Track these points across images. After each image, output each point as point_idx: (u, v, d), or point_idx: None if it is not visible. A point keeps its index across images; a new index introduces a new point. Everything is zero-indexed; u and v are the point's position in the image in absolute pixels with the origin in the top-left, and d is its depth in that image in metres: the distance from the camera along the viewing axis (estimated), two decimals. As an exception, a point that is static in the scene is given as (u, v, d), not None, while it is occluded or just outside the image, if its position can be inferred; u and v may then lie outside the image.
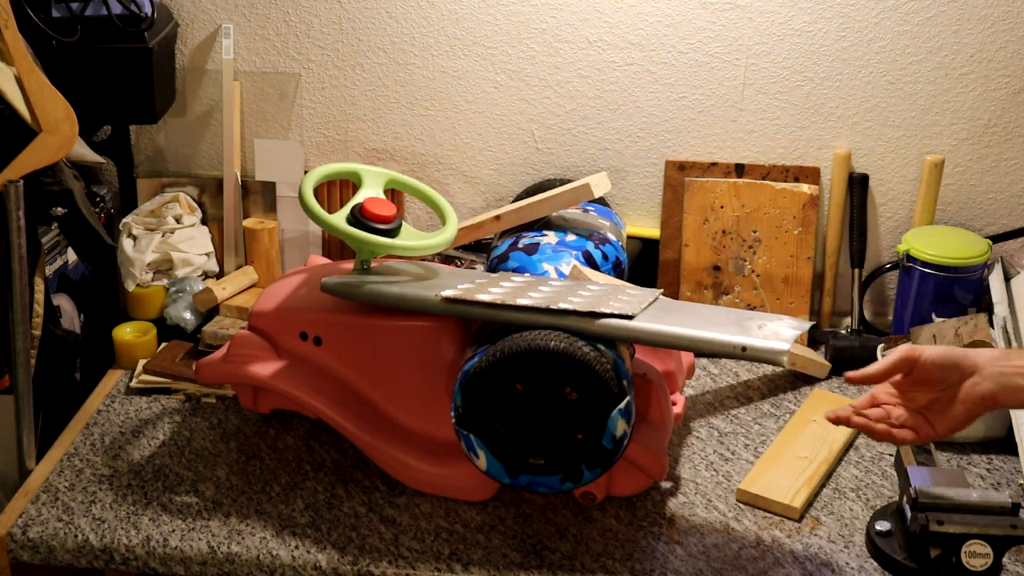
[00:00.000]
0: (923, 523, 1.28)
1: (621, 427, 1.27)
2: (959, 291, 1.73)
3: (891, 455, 1.57)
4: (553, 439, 1.29)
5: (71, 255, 1.76)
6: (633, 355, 1.45)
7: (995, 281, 1.73)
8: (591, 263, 1.67)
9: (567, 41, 1.83)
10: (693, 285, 1.87)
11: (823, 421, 1.61)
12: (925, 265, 1.73)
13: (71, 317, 1.77)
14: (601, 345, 1.31)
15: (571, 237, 1.70)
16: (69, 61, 1.68)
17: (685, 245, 1.87)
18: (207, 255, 1.92)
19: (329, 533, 1.39)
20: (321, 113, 1.93)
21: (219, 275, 1.95)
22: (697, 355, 1.77)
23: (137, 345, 1.77)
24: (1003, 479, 1.52)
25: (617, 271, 1.71)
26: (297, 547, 1.37)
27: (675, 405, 1.53)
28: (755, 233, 1.85)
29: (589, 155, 1.91)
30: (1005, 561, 1.33)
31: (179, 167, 1.98)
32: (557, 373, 1.27)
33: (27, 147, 1.47)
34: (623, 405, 1.27)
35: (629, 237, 1.90)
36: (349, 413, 1.47)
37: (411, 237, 1.51)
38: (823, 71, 1.81)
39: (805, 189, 1.84)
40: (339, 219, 1.46)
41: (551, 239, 1.69)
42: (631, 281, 1.75)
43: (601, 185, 1.73)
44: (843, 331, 1.86)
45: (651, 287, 1.79)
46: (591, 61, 1.84)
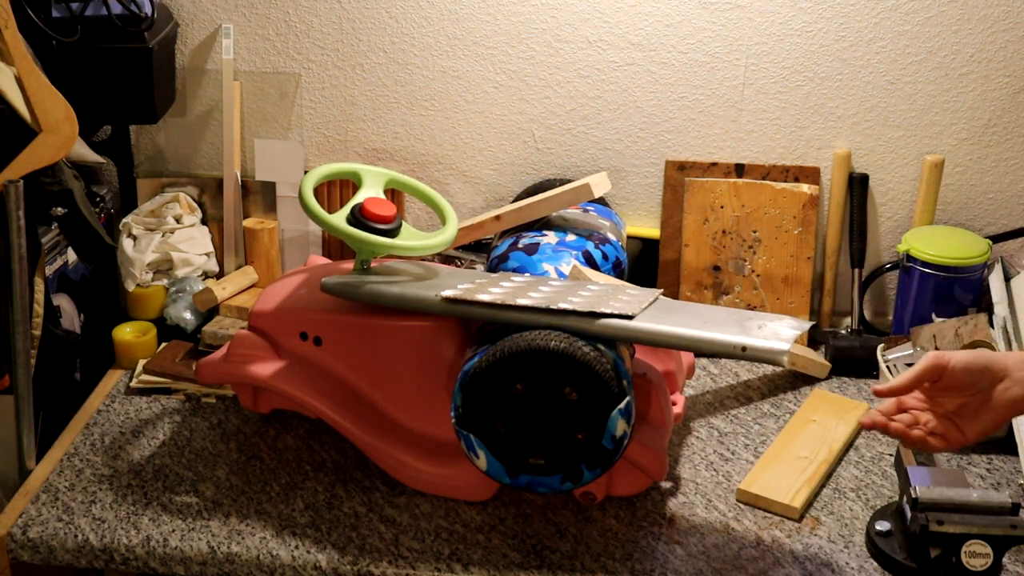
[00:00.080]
0: (923, 523, 1.28)
1: (621, 427, 1.27)
2: (959, 291, 1.73)
3: (891, 455, 1.57)
4: (553, 439, 1.29)
5: (71, 255, 1.76)
6: (633, 355, 1.45)
7: (995, 281, 1.73)
8: (591, 263, 1.67)
9: (567, 41, 1.83)
10: (693, 285, 1.87)
11: (823, 421, 1.62)
12: (925, 265, 1.73)
13: (71, 317, 1.77)
14: (601, 345, 1.31)
15: (571, 237, 1.70)
16: (69, 61, 1.68)
17: (685, 245, 1.87)
18: (207, 255, 1.92)
19: (329, 533, 1.39)
20: (321, 113, 1.93)
21: (219, 275, 1.95)
22: (697, 355, 1.77)
23: (137, 345, 1.77)
24: (1003, 479, 1.52)
25: (617, 271, 1.71)
26: (297, 547, 1.37)
27: (675, 405, 1.53)
28: (755, 233, 1.85)
29: (589, 155, 1.91)
30: (1005, 561, 1.33)
31: (179, 167, 1.98)
32: (557, 373, 1.27)
33: (27, 147, 1.47)
34: (623, 405, 1.27)
35: (629, 237, 1.90)
36: (349, 413, 1.47)
37: (411, 237, 1.51)
38: (823, 71, 1.81)
39: (805, 189, 1.84)
40: (339, 219, 1.46)
41: (551, 239, 1.69)
42: (631, 281, 1.75)
43: (601, 185, 1.73)
44: (843, 331, 1.86)
45: (651, 287, 1.79)
46: (591, 61, 1.84)
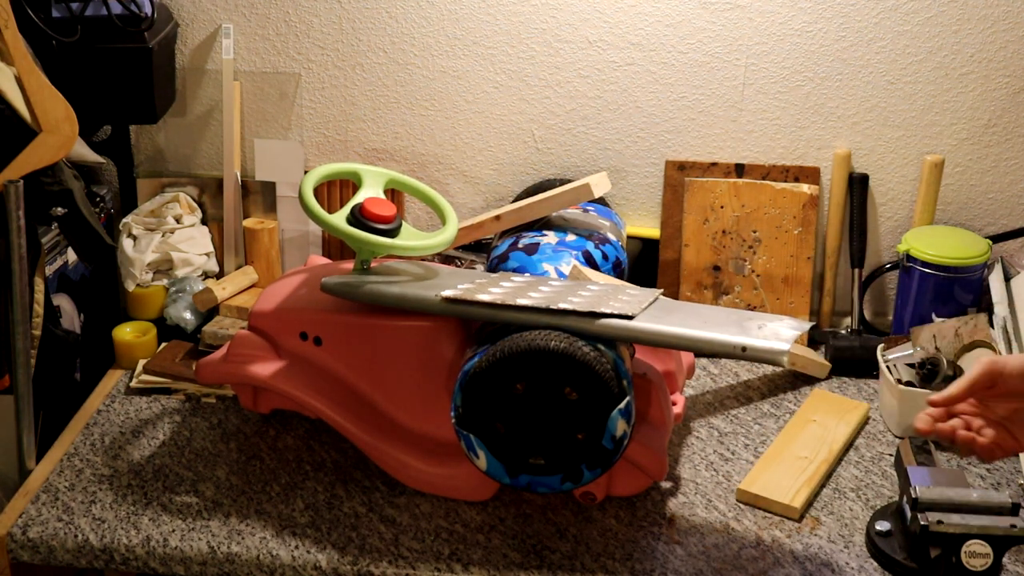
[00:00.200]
0: (923, 523, 1.28)
1: (621, 427, 1.27)
2: (959, 291, 1.73)
3: (891, 455, 1.57)
4: (553, 439, 1.29)
5: (71, 255, 1.76)
6: (633, 355, 1.45)
7: (995, 281, 1.73)
8: (591, 263, 1.67)
9: (567, 41, 1.83)
10: (693, 285, 1.87)
11: (823, 421, 1.62)
12: (925, 265, 1.73)
13: (71, 317, 1.77)
14: (601, 345, 1.31)
15: (571, 237, 1.70)
16: (69, 61, 1.68)
17: (685, 245, 1.87)
18: (207, 255, 1.92)
19: (329, 533, 1.39)
20: (321, 113, 1.93)
21: (219, 275, 1.95)
22: (697, 355, 1.77)
23: (137, 345, 1.77)
24: (1003, 479, 1.52)
25: (617, 271, 1.71)
26: (297, 547, 1.37)
27: (675, 405, 1.53)
28: (755, 233, 1.85)
29: (589, 155, 1.91)
30: (1005, 561, 1.33)
31: (179, 167, 1.98)
32: (557, 373, 1.27)
33: (27, 147, 1.47)
34: (623, 405, 1.27)
35: (629, 237, 1.90)
36: (349, 413, 1.47)
37: (411, 237, 1.51)
38: (823, 71, 1.81)
39: (805, 189, 1.84)
40: (339, 219, 1.46)
41: (551, 239, 1.69)
42: (631, 281, 1.75)
43: (601, 185, 1.73)
44: (843, 331, 1.86)
45: (651, 287, 1.79)
46: (591, 61, 1.84)
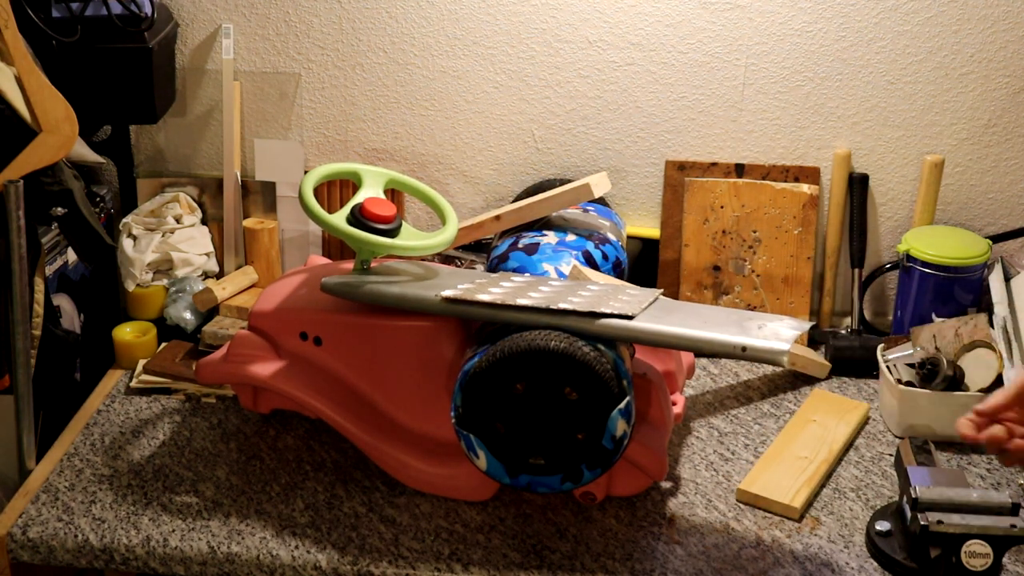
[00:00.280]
0: (923, 523, 1.28)
1: (621, 427, 1.27)
2: (959, 291, 1.73)
3: (891, 455, 1.57)
4: (553, 439, 1.29)
5: (71, 255, 1.76)
6: (633, 355, 1.45)
7: (995, 281, 1.73)
8: (591, 263, 1.67)
9: (567, 41, 1.83)
10: (693, 285, 1.87)
11: (823, 421, 1.62)
12: (925, 265, 1.73)
13: (71, 317, 1.77)
14: (601, 345, 1.31)
15: (571, 237, 1.70)
16: (69, 61, 1.68)
17: (685, 245, 1.87)
18: (207, 255, 1.92)
19: (329, 533, 1.39)
20: (321, 113, 1.93)
21: (219, 275, 1.95)
22: (697, 355, 1.77)
23: (137, 345, 1.77)
24: (1003, 479, 1.52)
25: (617, 271, 1.71)
26: (297, 547, 1.37)
27: (675, 405, 1.53)
28: (755, 233, 1.85)
29: (589, 155, 1.91)
30: (1005, 561, 1.33)
31: (179, 167, 1.98)
32: (557, 373, 1.27)
33: (27, 147, 1.47)
34: (623, 405, 1.27)
35: (629, 237, 1.90)
36: (349, 413, 1.47)
37: (411, 237, 1.51)
38: (823, 71, 1.81)
39: (805, 189, 1.84)
40: (339, 219, 1.46)
41: (551, 239, 1.69)
42: (631, 281, 1.75)
43: (601, 185, 1.73)
44: (843, 331, 1.86)
45: (651, 287, 1.79)
46: (591, 61, 1.84)
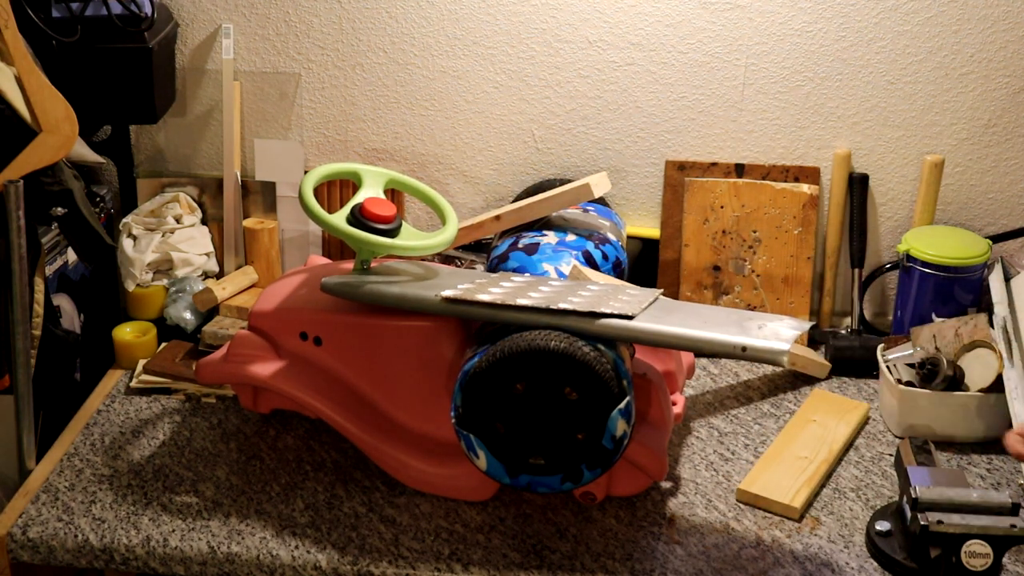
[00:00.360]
0: (923, 523, 1.28)
1: (621, 427, 1.27)
2: (959, 291, 1.73)
3: (891, 455, 1.57)
4: (553, 439, 1.29)
5: (71, 255, 1.76)
6: (633, 355, 1.45)
7: (995, 281, 1.73)
8: (591, 263, 1.67)
9: (567, 41, 1.83)
10: (693, 285, 1.87)
11: (823, 421, 1.62)
12: (925, 265, 1.73)
13: (71, 317, 1.77)
14: (601, 345, 1.31)
15: (571, 237, 1.70)
16: (69, 61, 1.68)
17: (685, 245, 1.87)
18: (207, 255, 1.92)
19: (329, 533, 1.39)
20: (321, 113, 1.93)
21: (219, 275, 1.95)
22: (697, 355, 1.77)
23: (137, 345, 1.77)
24: (1003, 479, 1.52)
25: (617, 271, 1.71)
26: (297, 547, 1.37)
27: (675, 405, 1.53)
28: (755, 233, 1.85)
29: (589, 155, 1.91)
30: (1005, 561, 1.33)
31: (179, 167, 1.98)
32: (557, 373, 1.27)
33: (27, 147, 1.47)
34: (623, 405, 1.27)
35: (629, 237, 1.90)
36: (349, 413, 1.47)
37: (411, 237, 1.51)
38: (823, 71, 1.81)
39: (805, 189, 1.84)
40: (339, 219, 1.46)
41: (551, 239, 1.69)
42: (631, 281, 1.75)
43: (601, 185, 1.73)
44: (843, 331, 1.86)
45: (651, 287, 1.79)
46: (591, 61, 1.84)
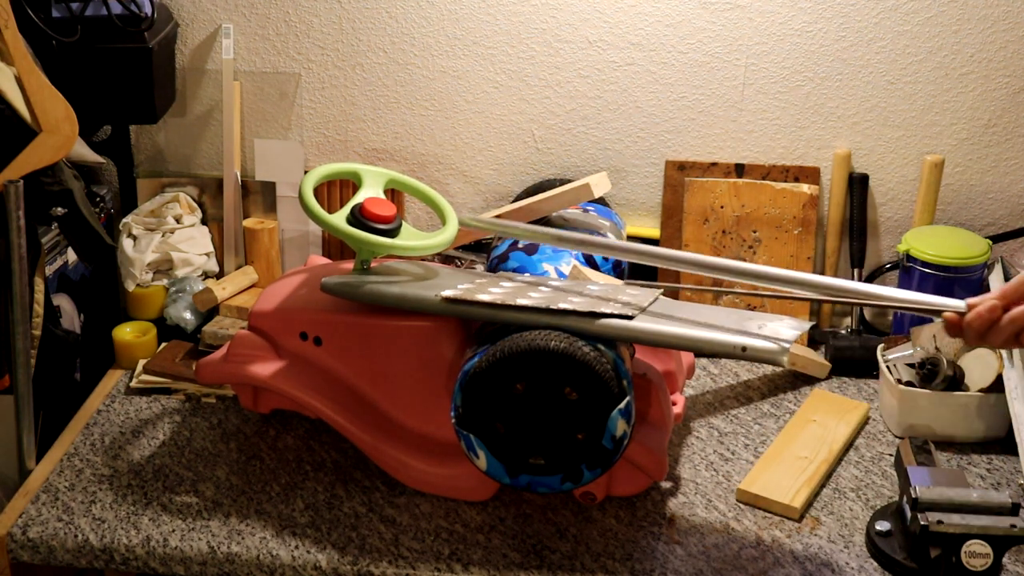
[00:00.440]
0: (923, 523, 1.28)
1: (621, 427, 1.27)
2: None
3: (891, 455, 1.57)
4: (553, 439, 1.29)
5: (71, 255, 1.76)
6: (633, 355, 1.45)
7: (995, 281, 1.73)
8: (591, 263, 1.67)
9: (567, 41, 1.83)
10: (693, 285, 1.87)
11: (823, 421, 1.62)
12: (925, 265, 1.73)
13: (71, 317, 1.77)
14: (601, 345, 1.31)
15: (571, 237, 1.70)
16: (69, 61, 1.68)
17: (685, 245, 1.87)
18: (207, 255, 1.92)
19: (329, 533, 1.39)
20: (321, 113, 1.93)
21: (219, 275, 1.95)
22: (697, 355, 1.77)
23: (137, 345, 1.77)
24: (1003, 479, 1.52)
25: (617, 271, 1.71)
26: (297, 547, 1.37)
27: (675, 405, 1.53)
28: (755, 233, 1.85)
29: (589, 155, 1.91)
30: (1005, 561, 1.33)
31: (179, 167, 1.98)
32: (557, 373, 1.26)
33: (27, 147, 1.47)
34: (623, 405, 1.27)
35: (629, 237, 1.90)
36: (349, 413, 1.47)
37: (411, 237, 1.51)
38: (823, 71, 1.81)
39: (805, 189, 1.84)
40: (339, 219, 1.46)
41: (551, 239, 1.69)
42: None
43: (601, 185, 1.73)
44: (843, 331, 1.86)
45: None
46: (591, 61, 1.84)
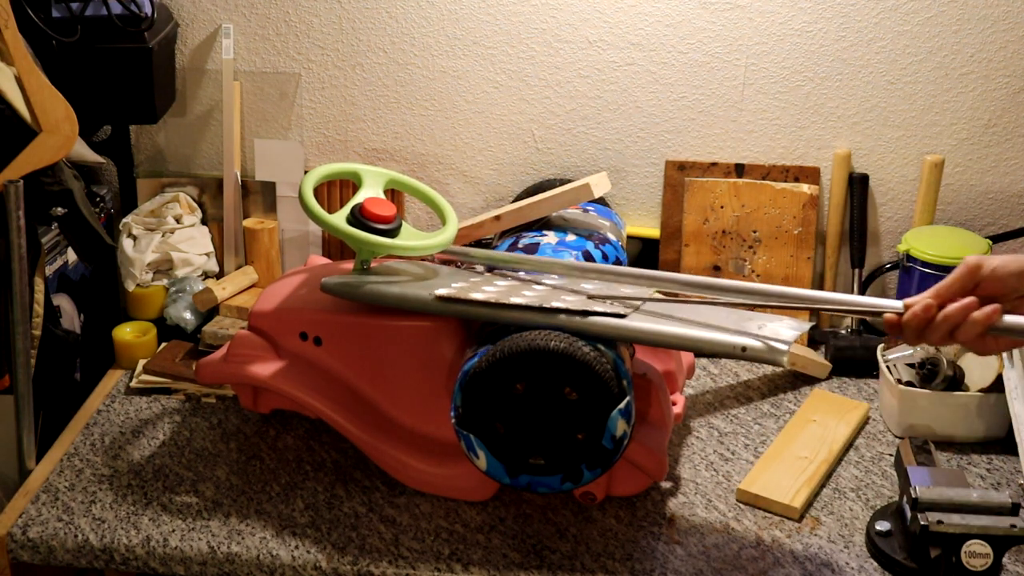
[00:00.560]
0: (923, 523, 1.28)
1: (621, 427, 1.27)
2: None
3: (891, 455, 1.57)
4: (553, 439, 1.29)
5: (71, 255, 1.76)
6: (633, 355, 1.45)
7: (995, 281, 1.73)
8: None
9: (567, 41, 1.83)
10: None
11: (823, 421, 1.62)
12: (925, 265, 1.73)
13: (71, 317, 1.77)
14: (601, 345, 1.31)
15: (571, 237, 1.70)
16: (69, 61, 1.68)
17: (685, 245, 1.87)
18: (207, 255, 1.92)
19: (329, 533, 1.39)
20: (321, 113, 1.93)
21: (219, 275, 1.95)
22: (697, 355, 1.77)
23: (137, 345, 1.77)
24: (1003, 479, 1.52)
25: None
26: (297, 547, 1.37)
27: (675, 405, 1.54)
28: (755, 233, 1.85)
29: (589, 155, 1.91)
30: (1005, 561, 1.33)
31: (179, 167, 1.98)
32: (557, 373, 1.26)
33: (27, 147, 1.47)
34: (623, 405, 1.27)
35: (629, 237, 1.90)
36: (349, 413, 1.47)
37: (411, 237, 1.51)
38: (823, 71, 1.81)
39: (805, 189, 1.84)
40: (339, 219, 1.46)
41: (551, 239, 1.69)
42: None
43: (601, 185, 1.73)
44: (843, 331, 1.86)
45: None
46: (591, 61, 1.84)
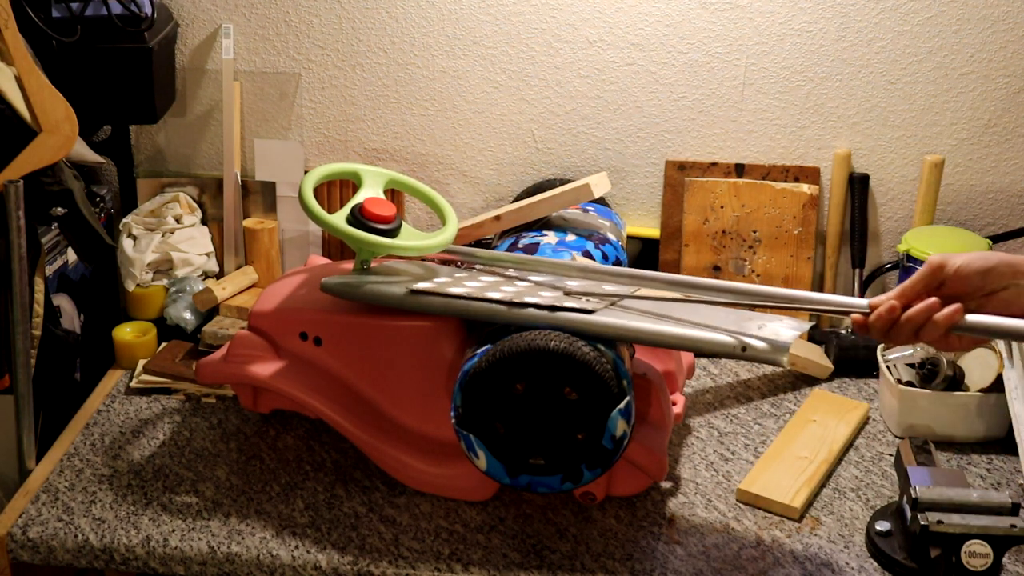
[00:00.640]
0: (923, 523, 1.28)
1: (621, 427, 1.27)
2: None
3: (891, 455, 1.57)
4: (553, 439, 1.29)
5: (71, 255, 1.76)
6: (633, 355, 1.45)
7: (995, 281, 1.72)
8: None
9: (567, 41, 1.83)
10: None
11: (823, 421, 1.62)
12: (925, 265, 1.73)
13: (71, 317, 1.77)
14: (601, 345, 1.31)
15: (571, 237, 1.70)
16: (69, 61, 1.68)
17: (685, 245, 1.87)
18: (207, 255, 1.92)
19: (329, 533, 1.39)
20: (321, 113, 1.93)
21: (219, 275, 1.95)
22: (697, 355, 1.77)
23: (137, 345, 1.77)
24: (1003, 479, 1.52)
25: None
26: (297, 547, 1.37)
27: (675, 405, 1.54)
28: (755, 233, 1.85)
29: (589, 155, 1.91)
30: (1005, 561, 1.33)
31: (179, 167, 1.98)
32: (557, 373, 1.26)
33: (27, 147, 1.47)
34: (623, 405, 1.27)
35: (629, 237, 1.90)
36: (349, 413, 1.47)
37: (411, 237, 1.51)
38: (823, 71, 1.81)
39: (805, 189, 1.84)
40: (339, 219, 1.46)
41: (551, 239, 1.69)
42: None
43: (601, 185, 1.73)
44: (844, 331, 1.86)
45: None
46: (591, 61, 1.84)
